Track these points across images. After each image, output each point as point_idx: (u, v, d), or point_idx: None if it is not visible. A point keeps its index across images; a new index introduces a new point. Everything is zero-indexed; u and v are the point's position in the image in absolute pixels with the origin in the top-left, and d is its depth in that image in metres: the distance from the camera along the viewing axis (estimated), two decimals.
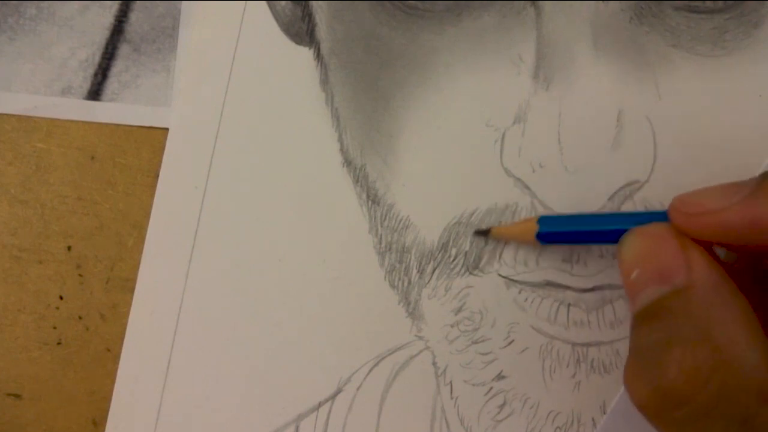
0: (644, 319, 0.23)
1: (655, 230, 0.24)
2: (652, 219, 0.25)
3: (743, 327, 0.21)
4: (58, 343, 0.32)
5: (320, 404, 0.31)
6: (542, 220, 0.29)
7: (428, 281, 0.31)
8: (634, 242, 0.24)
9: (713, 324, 0.21)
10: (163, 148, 0.33)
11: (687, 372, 0.21)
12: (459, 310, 0.30)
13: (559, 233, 0.28)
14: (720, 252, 0.25)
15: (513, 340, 0.30)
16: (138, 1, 0.34)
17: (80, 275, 0.32)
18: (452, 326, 0.30)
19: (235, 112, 0.33)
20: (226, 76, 0.33)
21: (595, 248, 0.30)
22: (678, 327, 0.22)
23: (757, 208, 0.22)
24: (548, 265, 0.30)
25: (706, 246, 0.23)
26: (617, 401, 0.30)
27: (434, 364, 0.31)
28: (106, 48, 0.33)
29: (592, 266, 0.30)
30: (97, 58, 0.33)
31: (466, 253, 0.30)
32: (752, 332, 0.21)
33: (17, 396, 0.32)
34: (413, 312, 0.31)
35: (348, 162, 0.32)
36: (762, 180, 0.22)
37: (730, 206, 0.22)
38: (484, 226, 0.30)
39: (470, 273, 0.30)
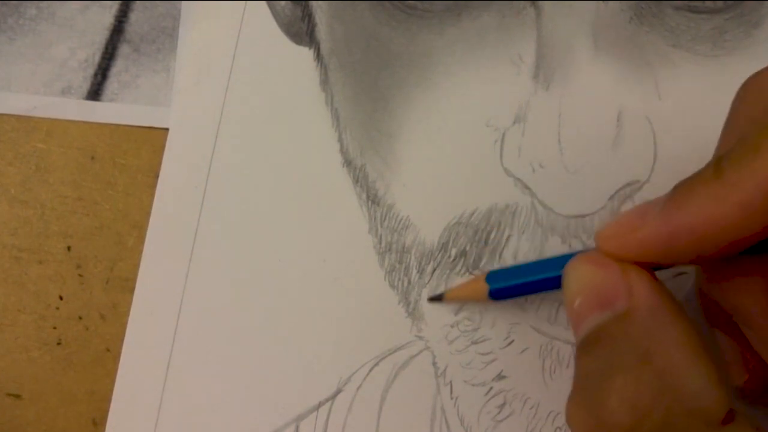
0: (586, 347, 0.22)
1: (596, 256, 0.23)
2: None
3: (686, 350, 0.20)
4: (58, 343, 0.32)
5: (320, 404, 0.31)
6: (491, 276, 0.28)
7: (428, 281, 0.31)
8: (575, 270, 0.23)
9: (654, 348, 0.20)
10: (163, 148, 0.33)
11: (629, 401, 0.20)
12: (459, 310, 0.30)
13: (511, 287, 0.28)
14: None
15: (513, 340, 0.30)
16: (138, 1, 0.34)
17: (80, 275, 0.32)
18: (452, 326, 0.30)
19: (235, 112, 0.33)
20: (226, 76, 0.33)
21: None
22: (619, 353, 0.21)
23: (671, 222, 0.21)
24: None
25: (649, 270, 0.22)
26: None
27: (434, 364, 0.31)
28: (106, 48, 0.33)
29: None
30: (97, 58, 0.33)
31: (466, 253, 0.30)
32: (696, 355, 0.20)
33: (17, 396, 0.32)
34: (413, 312, 0.31)
35: (348, 162, 0.32)
36: (671, 194, 0.22)
37: (645, 224, 0.22)
38: (434, 293, 0.30)
39: (470, 273, 0.30)
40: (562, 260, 0.25)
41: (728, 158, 0.20)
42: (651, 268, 0.22)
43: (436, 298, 0.30)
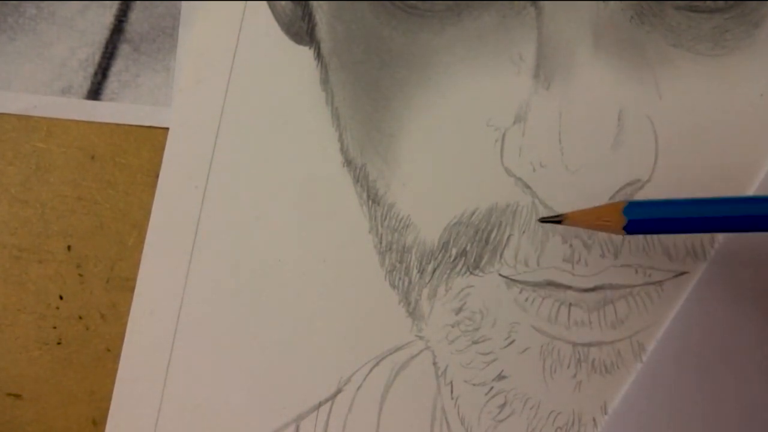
0: None
1: None
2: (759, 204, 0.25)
3: None
4: (58, 343, 0.32)
5: (320, 404, 0.31)
6: (630, 207, 0.26)
7: (428, 281, 0.31)
8: None
9: None
10: (163, 148, 0.33)
11: None
12: (459, 310, 0.30)
13: (654, 221, 0.26)
14: None
15: (514, 340, 0.30)
16: (138, 1, 0.34)
17: (80, 275, 0.32)
18: (453, 326, 0.30)
19: (235, 112, 0.33)
20: (226, 76, 0.33)
21: (596, 248, 0.30)
22: None
23: None
24: (549, 264, 0.30)
25: None
26: (619, 402, 0.30)
27: (435, 364, 0.31)
28: (106, 47, 0.33)
29: (593, 266, 0.30)
30: (97, 58, 0.33)
31: (466, 252, 0.30)
32: None
33: (17, 396, 0.32)
34: (413, 312, 0.31)
35: (348, 162, 0.32)
36: None
37: None
38: (550, 214, 0.28)
39: (470, 273, 0.30)
40: (719, 205, 0.25)
41: None
42: None
43: (552, 220, 0.28)
